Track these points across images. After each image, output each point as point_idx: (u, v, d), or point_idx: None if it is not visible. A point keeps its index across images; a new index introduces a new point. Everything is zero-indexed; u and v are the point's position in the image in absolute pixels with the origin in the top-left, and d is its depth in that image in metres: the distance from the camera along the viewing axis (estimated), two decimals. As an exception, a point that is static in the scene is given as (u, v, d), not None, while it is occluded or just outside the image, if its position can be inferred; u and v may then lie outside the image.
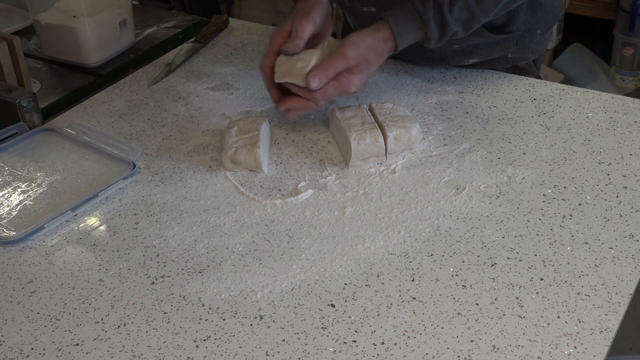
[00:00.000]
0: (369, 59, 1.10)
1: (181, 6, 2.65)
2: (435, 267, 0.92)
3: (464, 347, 0.81)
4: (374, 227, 0.98)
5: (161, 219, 1.02)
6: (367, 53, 1.10)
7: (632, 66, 2.73)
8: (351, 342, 0.82)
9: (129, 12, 1.43)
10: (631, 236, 0.95)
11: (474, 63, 1.31)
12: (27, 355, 0.83)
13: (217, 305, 0.88)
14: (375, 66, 1.12)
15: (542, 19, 1.30)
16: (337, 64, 1.08)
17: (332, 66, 1.08)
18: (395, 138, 1.10)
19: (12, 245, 0.98)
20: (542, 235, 0.96)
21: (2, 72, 1.22)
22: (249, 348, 0.82)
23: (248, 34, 1.51)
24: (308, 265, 0.93)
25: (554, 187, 1.05)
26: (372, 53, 1.10)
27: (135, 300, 0.89)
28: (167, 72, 1.37)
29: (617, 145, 1.13)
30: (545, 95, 1.26)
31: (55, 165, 1.12)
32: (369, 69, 1.10)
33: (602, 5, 2.70)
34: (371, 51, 1.10)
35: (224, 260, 0.94)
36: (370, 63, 1.10)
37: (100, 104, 1.29)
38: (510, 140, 1.15)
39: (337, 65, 1.08)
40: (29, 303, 0.90)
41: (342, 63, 1.08)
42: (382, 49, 1.11)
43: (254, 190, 1.07)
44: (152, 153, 1.15)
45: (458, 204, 1.02)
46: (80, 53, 1.38)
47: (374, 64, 1.11)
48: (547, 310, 0.85)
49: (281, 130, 1.20)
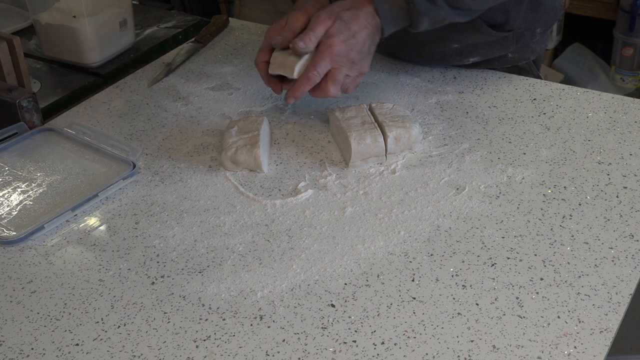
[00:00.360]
0: (342, 15, 1.09)
1: (181, 6, 2.64)
2: (435, 267, 0.92)
3: (464, 347, 0.81)
4: (374, 227, 0.98)
5: (161, 219, 1.02)
6: (338, 10, 1.10)
7: (632, 66, 2.73)
8: (351, 342, 0.82)
9: (129, 12, 1.43)
10: (631, 236, 0.95)
11: (473, 63, 1.31)
12: (27, 355, 0.83)
13: (217, 305, 0.88)
14: (355, 25, 1.09)
15: (542, 18, 1.30)
16: (315, 27, 1.08)
17: (310, 29, 1.09)
18: (395, 138, 1.10)
19: (12, 245, 0.98)
20: (542, 235, 0.96)
21: (2, 72, 1.22)
22: (249, 348, 0.82)
23: (248, 34, 1.51)
24: (308, 265, 0.93)
25: (554, 187, 1.05)
26: (343, 10, 1.10)
27: (135, 300, 0.89)
28: (167, 72, 1.37)
29: (617, 145, 1.13)
30: (545, 95, 1.26)
31: (55, 165, 1.12)
32: (345, 26, 1.09)
33: (602, 5, 2.70)
34: (342, 8, 1.10)
35: (224, 260, 0.94)
36: (344, 20, 1.09)
37: (100, 104, 1.29)
38: (510, 140, 1.15)
39: (316, 28, 1.08)
40: (29, 303, 0.90)
41: (319, 24, 1.08)
42: (356, 8, 1.10)
43: (254, 190, 1.07)
44: (152, 153, 1.15)
45: (458, 204, 1.02)
46: (80, 53, 1.38)
47: (350, 21, 1.09)
48: (547, 310, 0.85)
49: (281, 130, 1.20)
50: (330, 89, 1.10)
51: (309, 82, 1.09)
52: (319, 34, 1.09)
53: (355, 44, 1.10)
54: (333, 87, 1.10)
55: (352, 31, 1.09)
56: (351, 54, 1.10)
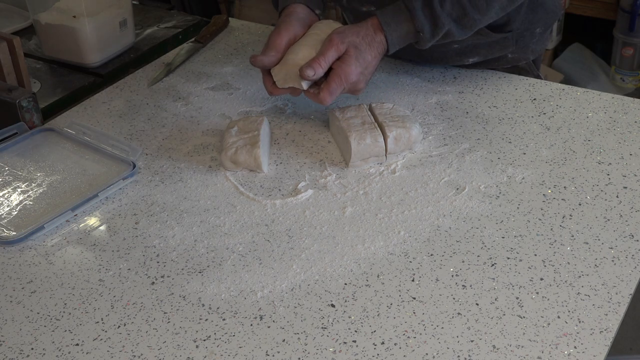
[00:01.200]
0: (358, 44, 1.10)
1: (181, 6, 2.65)
2: (435, 267, 0.92)
3: (464, 347, 0.81)
4: (374, 227, 0.98)
5: (161, 219, 1.02)
6: (354, 38, 1.10)
7: (632, 66, 2.73)
8: (351, 342, 0.82)
9: (129, 12, 1.43)
10: (631, 236, 0.95)
11: (473, 63, 1.31)
12: (27, 355, 0.83)
13: (217, 305, 0.88)
14: (369, 55, 1.11)
15: (542, 18, 1.30)
16: (326, 51, 1.09)
17: (321, 54, 1.09)
18: (395, 138, 1.10)
19: (12, 245, 0.98)
20: (542, 235, 0.96)
21: (2, 72, 1.22)
22: (249, 348, 0.82)
23: (248, 34, 1.51)
24: (308, 265, 0.93)
25: (554, 187, 1.05)
26: (359, 39, 1.11)
27: (135, 300, 0.89)
28: (167, 72, 1.37)
29: (617, 145, 1.13)
30: (545, 95, 1.26)
31: (55, 165, 1.12)
32: (362, 56, 1.10)
33: (602, 5, 2.70)
34: (358, 37, 1.11)
35: (224, 260, 0.94)
36: (361, 50, 1.10)
37: (100, 104, 1.29)
38: (510, 140, 1.15)
39: (327, 52, 1.09)
40: (29, 303, 0.90)
41: (331, 49, 1.09)
42: (371, 37, 1.11)
43: (254, 190, 1.07)
44: (152, 153, 1.15)
45: (458, 204, 1.02)
46: (80, 53, 1.38)
47: (366, 52, 1.11)
48: (547, 310, 0.85)
49: (281, 130, 1.20)
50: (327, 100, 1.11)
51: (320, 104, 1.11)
52: (330, 59, 1.09)
53: (368, 74, 1.13)
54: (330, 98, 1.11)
55: (367, 61, 1.11)
56: (360, 84, 1.12)
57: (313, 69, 1.08)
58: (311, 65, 1.08)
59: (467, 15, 1.13)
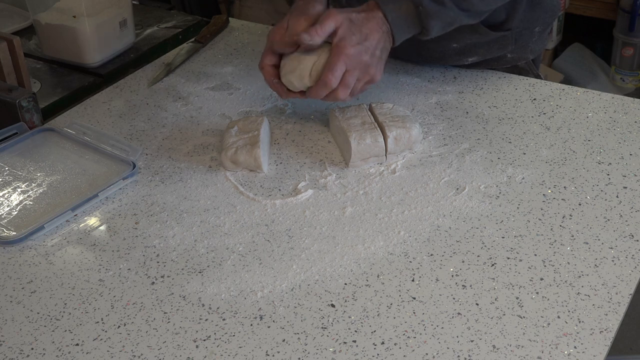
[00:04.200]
0: (353, 18, 1.08)
1: (181, 6, 2.64)
2: (435, 267, 0.92)
3: (464, 347, 0.81)
4: (374, 227, 0.98)
5: (161, 219, 1.02)
6: (350, 14, 1.09)
7: (632, 66, 2.73)
8: (351, 342, 0.82)
9: (129, 12, 1.43)
10: (631, 236, 0.95)
11: (472, 62, 1.31)
12: (27, 355, 0.83)
13: (217, 305, 0.88)
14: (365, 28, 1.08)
15: (540, 17, 1.30)
16: (323, 20, 1.07)
17: (319, 23, 1.08)
18: (395, 138, 1.10)
19: (12, 245, 0.98)
20: (542, 235, 0.96)
21: (2, 72, 1.22)
22: (249, 348, 0.82)
23: (248, 34, 1.51)
24: (308, 265, 0.93)
25: (554, 187, 1.05)
26: (355, 13, 1.09)
27: (135, 300, 0.89)
28: (167, 72, 1.37)
29: (617, 145, 1.13)
30: (545, 95, 1.26)
31: (55, 165, 1.12)
32: (356, 28, 1.08)
33: (602, 5, 2.70)
34: (354, 12, 1.09)
35: (224, 260, 0.94)
36: (355, 22, 1.08)
37: (100, 104, 1.29)
38: (510, 140, 1.15)
39: (324, 21, 1.07)
40: (29, 303, 0.90)
41: (328, 18, 1.07)
42: (367, 13, 1.09)
43: (254, 190, 1.07)
44: (152, 153, 1.15)
45: (458, 204, 1.02)
46: (80, 53, 1.38)
47: (362, 24, 1.08)
48: (547, 310, 0.85)
49: (281, 130, 1.20)
50: (340, 93, 1.08)
51: (326, 87, 1.08)
52: (328, 29, 1.07)
53: (368, 46, 1.09)
54: (343, 91, 1.08)
55: (364, 34, 1.08)
56: (363, 56, 1.08)
57: (309, 34, 1.07)
58: (308, 31, 1.07)
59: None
